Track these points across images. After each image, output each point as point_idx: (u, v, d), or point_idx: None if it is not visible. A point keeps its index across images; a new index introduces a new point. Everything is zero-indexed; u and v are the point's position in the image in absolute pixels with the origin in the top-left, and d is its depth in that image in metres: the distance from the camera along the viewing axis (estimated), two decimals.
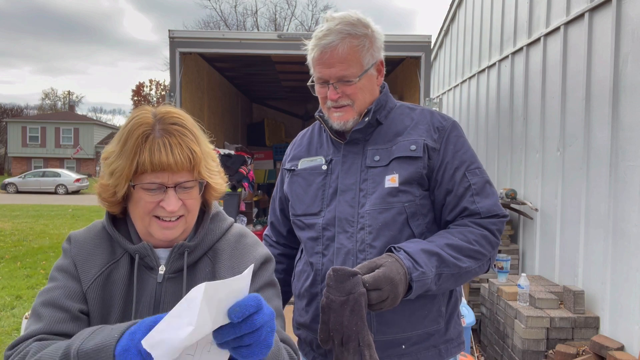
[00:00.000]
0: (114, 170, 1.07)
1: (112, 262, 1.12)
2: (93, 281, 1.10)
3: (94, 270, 1.11)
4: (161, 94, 47.78)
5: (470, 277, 1.42)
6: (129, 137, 1.07)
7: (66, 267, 1.13)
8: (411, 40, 4.47)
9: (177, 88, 4.60)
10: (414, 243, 1.35)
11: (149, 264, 1.11)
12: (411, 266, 1.27)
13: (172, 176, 1.07)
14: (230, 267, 1.14)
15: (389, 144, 1.48)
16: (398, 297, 1.24)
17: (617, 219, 3.50)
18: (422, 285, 1.29)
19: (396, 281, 1.22)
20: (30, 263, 8.02)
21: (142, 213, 1.09)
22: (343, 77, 1.43)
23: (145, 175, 1.06)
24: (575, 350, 3.40)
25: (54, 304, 1.06)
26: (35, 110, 54.94)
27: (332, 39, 1.40)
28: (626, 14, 3.52)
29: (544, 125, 4.76)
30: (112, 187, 1.08)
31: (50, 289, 1.09)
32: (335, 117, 1.48)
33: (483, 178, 1.46)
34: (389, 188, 1.43)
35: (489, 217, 1.41)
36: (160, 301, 1.10)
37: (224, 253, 1.16)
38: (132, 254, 1.12)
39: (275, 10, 37.51)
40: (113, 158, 1.08)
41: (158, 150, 1.05)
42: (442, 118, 1.52)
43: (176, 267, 1.12)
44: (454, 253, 1.34)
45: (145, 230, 1.12)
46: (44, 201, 20.77)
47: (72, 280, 1.10)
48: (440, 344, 1.47)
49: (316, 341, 1.50)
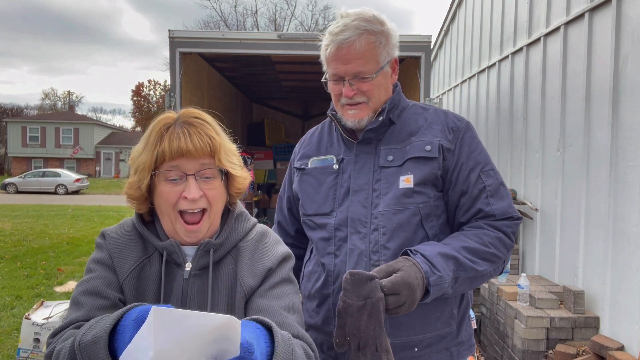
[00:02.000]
0: (138, 166, 1.12)
1: (144, 258, 1.15)
2: (128, 274, 1.13)
3: (130, 264, 1.14)
4: (161, 94, 47.76)
5: (485, 280, 1.41)
6: (152, 133, 1.13)
7: (103, 259, 1.15)
8: (411, 40, 4.47)
9: (177, 88, 4.60)
10: (430, 246, 1.34)
11: (177, 260, 1.14)
12: (429, 270, 1.25)
13: (191, 162, 1.10)
14: (250, 266, 1.16)
15: (402, 144, 1.46)
16: (415, 301, 1.23)
17: (617, 219, 3.50)
18: (440, 289, 1.28)
19: (414, 286, 1.20)
20: (30, 263, 8.01)
21: (167, 207, 1.11)
22: (359, 73, 1.41)
23: (165, 163, 1.10)
24: (575, 350, 3.40)
25: (94, 292, 1.08)
26: (35, 110, 55.00)
27: (349, 35, 1.38)
28: (626, 14, 3.52)
29: (544, 125, 4.76)
30: (137, 183, 1.12)
31: (89, 279, 1.11)
32: (349, 115, 1.46)
33: (497, 180, 1.45)
34: (403, 189, 1.41)
35: (504, 219, 1.40)
36: (187, 297, 1.12)
37: (246, 251, 1.18)
38: (160, 250, 1.15)
39: (275, 10, 37.55)
40: (137, 155, 1.13)
41: (177, 138, 1.09)
42: (456, 119, 1.51)
43: (202, 264, 1.14)
44: (471, 256, 1.33)
45: (172, 228, 1.14)
46: (44, 201, 20.77)
47: (110, 272, 1.13)
48: (452, 347, 1.46)
49: (327, 343, 1.49)
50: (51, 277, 7.08)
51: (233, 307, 1.12)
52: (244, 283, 1.13)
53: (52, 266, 7.76)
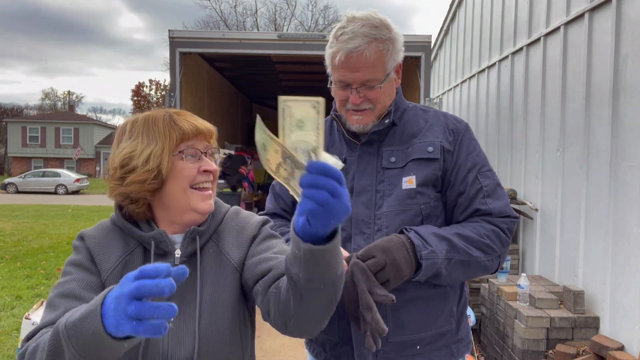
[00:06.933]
0: (149, 155, 1.11)
1: (127, 254, 1.16)
2: (112, 271, 1.13)
3: (112, 260, 1.14)
4: (161, 94, 47.77)
5: (479, 271, 1.43)
6: (154, 124, 1.14)
7: (79, 261, 1.14)
8: (411, 40, 4.47)
9: (177, 88, 4.61)
10: (425, 228, 1.38)
11: (164, 249, 1.15)
12: (420, 244, 1.30)
13: (202, 142, 1.17)
14: (233, 241, 1.22)
15: (404, 145, 1.48)
16: (398, 264, 1.28)
17: (617, 219, 3.50)
18: (432, 265, 1.31)
19: (387, 247, 1.28)
20: (30, 263, 8.01)
21: (184, 185, 1.14)
22: (368, 81, 1.41)
23: (184, 143, 1.14)
24: (575, 350, 3.40)
25: (70, 294, 1.08)
26: (35, 110, 54.99)
27: (359, 43, 1.38)
28: (626, 14, 3.52)
29: (544, 125, 4.76)
30: (155, 168, 1.11)
31: (65, 282, 1.11)
32: (354, 120, 1.47)
33: (494, 181, 1.48)
34: (406, 190, 1.43)
35: (501, 217, 1.43)
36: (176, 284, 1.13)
37: (225, 232, 1.24)
38: (147, 240, 1.15)
39: (275, 11, 37.53)
40: (142, 147, 1.12)
41: (192, 119, 1.16)
42: (456, 120, 1.54)
43: (189, 251, 1.17)
44: (465, 242, 1.37)
45: (183, 209, 1.16)
46: (44, 201, 20.76)
47: (88, 273, 1.13)
48: (452, 344, 1.49)
49: (329, 342, 1.51)
50: (51, 277, 7.08)
51: (220, 282, 1.17)
52: (231, 258, 1.19)
53: (52, 266, 7.76)
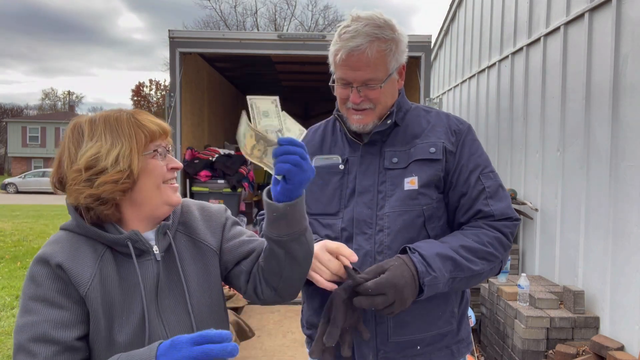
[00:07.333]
0: (117, 155, 1.09)
1: (98, 260, 1.12)
2: (91, 282, 1.09)
3: (89, 271, 1.09)
4: (161, 94, 47.75)
5: (482, 279, 1.44)
6: (117, 124, 1.13)
7: (43, 295, 1.07)
8: (411, 40, 4.45)
9: (177, 88, 4.61)
10: (429, 244, 1.37)
11: (140, 248, 1.14)
12: (424, 270, 1.29)
13: (164, 140, 1.20)
14: (206, 229, 1.27)
15: (407, 146, 1.48)
16: (405, 299, 1.27)
17: (617, 219, 3.50)
18: (434, 289, 1.32)
19: (400, 285, 1.25)
20: (30, 263, 8.01)
21: (158, 182, 1.16)
22: (368, 80, 1.41)
23: (153, 143, 1.16)
24: (575, 350, 3.40)
25: (44, 338, 1.04)
26: (35, 110, 54.97)
27: (360, 42, 1.38)
28: (626, 14, 3.52)
29: (544, 125, 4.76)
30: (127, 168, 1.10)
31: (34, 324, 1.04)
32: (354, 120, 1.47)
33: (496, 182, 1.47)
34: (408, 190, 1.43)
35: (503, 219, 1.43)
36: (159, 279, 1.15)
37: (194, 222, 1.27)
38: (122, 242, 1.12)
39: (275, 11, 37.45)
40: (107, 148, 1.10)
41: (153, 118, 1.18)
42: (459, 121, 1.54)
43: (164, 245, 1.18)
44: (468, 255, 1.36)
45: (156, 205, 1.17)
46: (44, 201, 20.76)
47: (55, 309, 1.06)
48: (453, 345, 1.49)
49: None
50: None
51: (203, 269, 1.22)
52: (209, 243, 1.25)
53: None
